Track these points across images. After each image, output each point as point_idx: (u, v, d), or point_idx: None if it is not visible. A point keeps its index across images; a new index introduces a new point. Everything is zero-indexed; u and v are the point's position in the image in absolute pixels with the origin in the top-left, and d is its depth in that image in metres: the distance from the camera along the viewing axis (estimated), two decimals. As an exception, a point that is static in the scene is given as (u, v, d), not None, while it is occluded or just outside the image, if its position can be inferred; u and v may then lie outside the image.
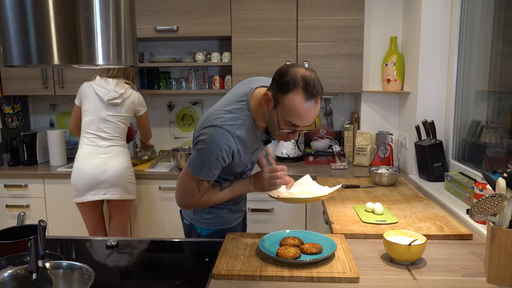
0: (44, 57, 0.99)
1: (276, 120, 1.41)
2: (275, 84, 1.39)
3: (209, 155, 1.45)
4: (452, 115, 2.50)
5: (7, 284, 1.15)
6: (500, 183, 1.26)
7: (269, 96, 1.41)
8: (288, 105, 1.35)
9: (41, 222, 1.21)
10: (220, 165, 1.49)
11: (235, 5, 2.89)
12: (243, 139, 1.48)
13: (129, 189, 2.62)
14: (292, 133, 1.45)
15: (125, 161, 2.60)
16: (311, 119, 1.40)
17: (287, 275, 1.27)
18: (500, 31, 2.08)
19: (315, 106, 1.38)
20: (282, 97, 1.36)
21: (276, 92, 1.39)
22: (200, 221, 1.71)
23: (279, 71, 1.40)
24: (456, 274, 1.30)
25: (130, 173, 2.62)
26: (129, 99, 2.61)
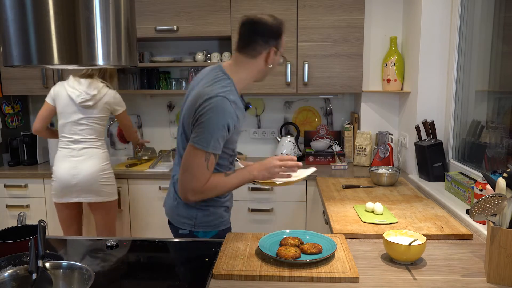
0: (44, 57, 0.99)
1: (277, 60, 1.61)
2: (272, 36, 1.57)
3: (216, 123, 1.47)
4: (452, 115, 2.50)
5: (7, 284, 1.15)
6: (500, 183, 1.26)
7: (275, 50, 1.58)
8: (283, 43, 1.62)
9: (41, 222, 1.21)
10: (225, 134, 1.51)
11: (235, 5, 2.89)
12: (236, 103, 1.55)
13: (103, 192, 2.54)
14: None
15: (97, 163, 2.52)
16: None
17: (287, 275, 1.27)
18: (500, 31, 2.08)
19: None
20: (279, 41, 1.59)
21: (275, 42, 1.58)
22: (202, 225, 1.68)
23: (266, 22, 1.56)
24: (456, 274, 1.30)
25: (103, 176, 2.53)
26: (102, 100, 2.52)
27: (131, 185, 2.88)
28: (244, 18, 1.58)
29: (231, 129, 1.52)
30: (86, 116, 2.50)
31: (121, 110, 2.65)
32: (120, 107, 2.64)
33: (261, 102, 3.36)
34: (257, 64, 1.59)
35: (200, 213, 1.67)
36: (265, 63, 1.59)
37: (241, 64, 1.60)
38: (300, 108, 3.35)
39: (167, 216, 1.78)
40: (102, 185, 2.53)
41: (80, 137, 2.51)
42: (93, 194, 2.52)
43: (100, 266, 1.41)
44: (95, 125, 2.54)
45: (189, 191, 1.54)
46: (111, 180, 2.60)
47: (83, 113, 2.50)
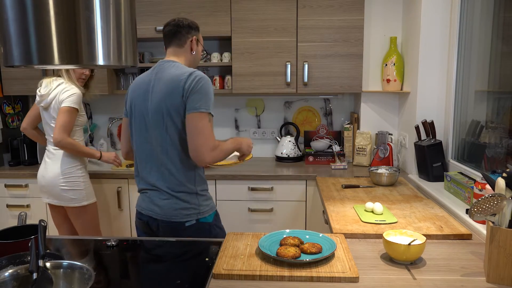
0: (44, 57, 0.99)
1: (201, 50, 1.91)
2: (195, 28, 1.86)
3: (209, 88, 1.69)
4: (451, 115, 2.51)
5: (7, 284, 1.15)
6: (499, 183, 1.26)
7: (195, 39, 1.86)
8: (201, 37, 1.92)
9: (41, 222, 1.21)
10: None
11: (235, 5, 2.89)
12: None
13: (64, 196, 2.42)
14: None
15: (59, 167, 2.41)
16: None
17: (287, 274, 1.27)
18: (499, 31, 2.09)
19: None
20: (199, 34, 1.89)
21: (196, 34, 1.87)
22: (206, 210, 1.79)
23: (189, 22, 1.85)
24: (456, 274, 1.30)
25: (64, 180, 2.41)
26: (51, 98, 2.39)
27: (131, 185, 2.88)
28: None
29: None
30: (48, 117, 2.45)
31: (64, 105, 2.34)
32: (65, 103, 2.34)
33: (261, 102, 3.36)
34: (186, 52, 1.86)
35: (200, 198, 1.78)
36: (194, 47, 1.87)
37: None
38: (300, 108, 3.35)
39: (158, 217, 1.76)
40: (63, 189, 2.41)
41: (51, 138, 2.46)
42: (55, 197, 2.45)
43: (100, 265, 1.42)
44: None
45: (206, 151, 1.66)
46: (75, 185, 2.43)
47: (45, 115, 2.46)
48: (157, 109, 1.70)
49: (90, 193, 2.51)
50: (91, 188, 2.54)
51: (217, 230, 1.83)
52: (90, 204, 2.50)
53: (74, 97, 2.37)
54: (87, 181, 2.52)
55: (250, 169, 2.87)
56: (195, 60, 1.88)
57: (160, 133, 1.71)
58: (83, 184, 2.47)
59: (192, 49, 1.85)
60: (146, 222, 1.80)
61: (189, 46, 1.85)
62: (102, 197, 2.88)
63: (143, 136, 1.77)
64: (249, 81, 2.94)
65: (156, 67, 1.80)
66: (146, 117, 1.74)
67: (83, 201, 2.46)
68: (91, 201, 2.51)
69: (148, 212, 1.78)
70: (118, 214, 2.91)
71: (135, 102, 1.79)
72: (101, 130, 3.48)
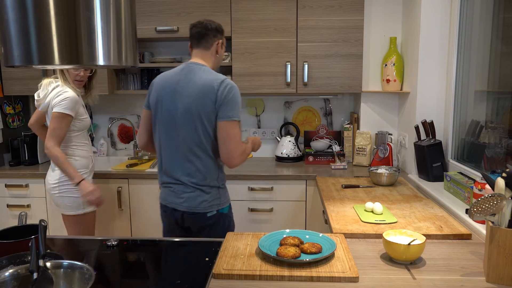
0: (45, 57, 0.99)
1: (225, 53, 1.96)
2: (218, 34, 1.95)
3: (238, 97, 1.84)
4: (451, 115, 2.51)
5: (8, 284, 1.15)
6: (499, 182, 1.26)
7: (221, 42, 1.96)
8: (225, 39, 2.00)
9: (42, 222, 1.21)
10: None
11: (235, 5, 2.89)
12: None
13: (59, 203, 2.35)
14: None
15: (57, 173, 2.32)
16: None
17: (287, 274, 1.27)
18: (499, 31, 2.09)
19: None
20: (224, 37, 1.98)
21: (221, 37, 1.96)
22: (224, 202, 1.96)
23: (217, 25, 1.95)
24: (455, 274, 1.31)
25: (54, 186, 2.32)
26: (47, 102, 2.29)
27: (131, 185, 2.88)
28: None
29: None
30: (48, 120, 2.34)
31: (55, 110, 2.22)
32: (56, 108, 2.23)
33: (261, 102, 3.36)
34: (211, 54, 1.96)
35: (221, 191, 1.95)
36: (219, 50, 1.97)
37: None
38: (300, 108, 3.35)
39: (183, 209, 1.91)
40: (61, 197, 2.33)
41: None
42: (56, 203, 2.38)
43: (100, 265, 1.42)
44: None
45: (236, 156, 1.85)
46: (71, 192, 2.32)
47: (47, 118, 2.38)
48: (188, 110, 1.83)
49: (86, 202, 2.36)
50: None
51: (231, 221, 2.02)
52: (86, 213, 2.37)
53: (66, 102, 2.23)
54: None
55: (250, 169, 2.87)
56: (219, 62, 2.00)
57: (189, 133, 1.85)
58: (73, 192, 2.32)
59: (218, 52, 1.95)
60: (170, 215, 1.97)
61: (215, 49, 1.94)
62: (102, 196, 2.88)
63: (170, 133, 1.89)
64: (249, 81, 2.94)
65: (185, 68, 1.90)
66: (175, 116, 1.86)
67: (78, 210, 2.34)
68: (87, 210, 2.37)
69: (173, 205, 1.94)
70: (118, 214, 2.91)
71: (162, 99, 1.89)
72: (101, 130, 3.48)
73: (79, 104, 2.32)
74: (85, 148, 2.42)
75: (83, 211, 2.36)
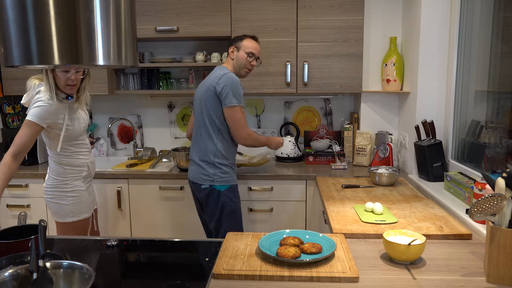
0: (44, 57, 0.99)
1: (244, 55, 2.38)
2: (236, 40, 2.42)
3: (238, 85, 2.30)
4: (451, 115, 2.51)
5: (7, 284, 1.15)
6: (499, 183, 1.26)
7: (233, 48, 2.41)
8: (245, 44, 2.40)
9: (41, 222, 1.21)
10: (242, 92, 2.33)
11: (235, 5, 2.89)
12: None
13: (49, 208, 2.23)
14: (254, 60, 2.42)
15: (49, 178, 2.20)
16: (258, 50, 2.46)
17: (287, 274, 1.27)
18: (499, 31, 2.09)
19: (258, 43, 2.46)
20: (240, 42, 2.41)
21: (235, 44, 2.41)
22: (219, 180, 2.32)
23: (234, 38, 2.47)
24: (456, 274, 1.31)
25: (47, 191, 2.20)
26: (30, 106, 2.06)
27: (131, 185, 2.88)
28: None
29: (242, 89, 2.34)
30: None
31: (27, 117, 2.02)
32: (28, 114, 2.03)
33: (261, 102, 3.36)
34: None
35: (217, 170, 2.32)
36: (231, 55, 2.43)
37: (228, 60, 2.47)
38: (300, 108, 3.35)
39: (191, 180, 2.43)
40: (48, 201, 2.21)
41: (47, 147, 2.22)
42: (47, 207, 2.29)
43: (100, 265, 1.42)
44: (43, 137, 2.16)
45: (242, 137, 2.34)
46: (60, 199, 2.18)
47: None
48: (200, 99, 2.38)
49: (78, 209, 2.20)
50: (84, 204, 2.22)
51: (225, 199, 2.33)
52: (76, 221, 2.20)
53: (37, 110, 2.01)
54: (79, 196, 2.20)
55: (250, 169, 2.87)
56: (237, 64, 2.41)
57: (200, 117, 2.38)
58: (71, 199, 2.17)
59: (231, 56, 2.41)
60: (190, 186, 2.49)
61: (230, 53, 2.42)
62: (102, 197, 2.89)
63: (195, 120, 2.45)
64: (249, 81, 2.94)
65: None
66: (196, 105, 2.43)
67: (67, 217, 2.19)
68: (77, 218, 2.20)
69: (189, 177, 2.45)
70: (118, 214, 2.91)
71: (196, 94, 2.46)
72: (101, 130, 3.48)
73: (55, 114, 2.06)
74: (77, 157, 2.20)
75: (71, 219, 2.20)
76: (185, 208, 2.86)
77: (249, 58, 2.38)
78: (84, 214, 2.24)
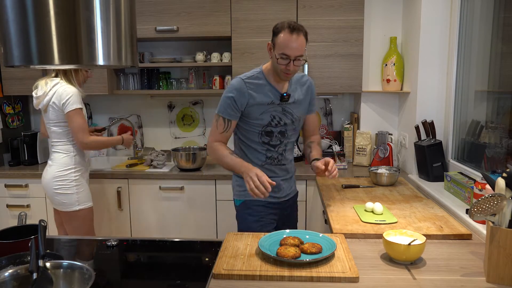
0: (44, 57, 0.99)
1: (275, 58, 1.81)
2: (273, 33, 1.85)
3: (225, 95, 1.89)
4: (451, 115, 2.51)
5: (7, 284, 1.15)
6: (499, 183, 1.26)
7: (269, 44, 1.88)
8: (279, 42, 1.79)
9: (41, 222, 1.21)
10: (233, 105, 1.87)
11: (235, 5, 2.89)
12: (254, 86, 1.89)
13: (55, 200, 2.38)
14: (288, 65, 1.80)
15: (54, 169, 2.36)
16: (298, 49, 1.78)
17: (287, 274, 1.27)
18: (499, 31, 2.09)
19: (298, 37, 1.78)
20: (275, 38, 1.82)
21: (272, 39, 1.85)
22: (236, 194, 2.03)
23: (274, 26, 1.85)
24: (456, 274, 1.31)
25: (57, 183, 2.35)
26: (48, 99, 2.32)
27: (131, 185, 2.88)
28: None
29: (238, 102, 1.86)
30: (47, 119, 2.38)
31: (70, 108, 2.29)
32: (70, 104, 2.29)
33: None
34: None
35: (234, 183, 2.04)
36: (268, 53, 1.91)
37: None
38: (300, 108, 3.35)
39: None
40: (56, 193, 2.36)
41: (51, 140, 2.43)
42: (50, 199, 2.44)
43: (100, 265, 1.42)
44: (55, 128, 2.37)
45: (208, 141, 1.96)
46: (66, 189, 2.36)
47: (44, 117, 2.41)
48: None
49: (83, 198, 2.40)
50: (86, 192, 2.43)
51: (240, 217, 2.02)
52: (82, 209, 2.40)
53: (73, 98, 2.29)
54: (82, 185, 2.41)
55: (250, 169, 2.86)
56: (272, 64, 1.89)
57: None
58: (76, 188, 2.37)
59: (269, 55, 1.91)
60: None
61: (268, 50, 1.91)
62: (102, 197, 2.89)
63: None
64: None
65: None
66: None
67: (73, 206, 2.37)
68: (83, 206, 2.40)
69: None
70: (118, 214, 2.91)
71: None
72: (101, 130, 3.48)
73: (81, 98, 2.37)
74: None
75: (78, 207, 2.39)
76: (185, 208, 2.86)
77: (281, 60, 1.80)
78: (88, 202, 2.45)
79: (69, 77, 2.35)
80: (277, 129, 1.95)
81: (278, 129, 1.95)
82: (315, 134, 2.18)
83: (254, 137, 1.95)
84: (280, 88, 1.94)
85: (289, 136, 2.00)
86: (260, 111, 1.90)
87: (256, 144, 1.96)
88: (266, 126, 1.93)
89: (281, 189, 2.02)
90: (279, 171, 2.01)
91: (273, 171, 1.99)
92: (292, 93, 1.95)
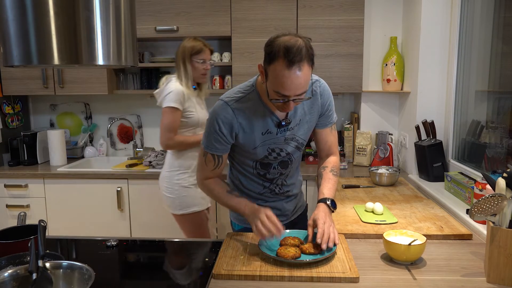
0: (44, 57, 0.99)
1: (268, 91, 1.39)
2: (265, 55, 1.37)
3: (209, 126, 1.50)
4: (452, 115, 2.51)
5: (7, 284, 1.15)
6: (499, 183, 1.26)
7: (261, 68, 1.40)
8: (273, 75, 1.33)
9: (41, 222, 1.21)
10: (221, 139, 1.49)
11: (235, 5, 2.89)
12: (244, 112, 1.48)
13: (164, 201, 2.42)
14: (285, 104, 1.37)
15: (163, 170, 2.42)
16: (298, 87, 1.33)
17: (287, 275, 1.27)
18: (499, 31, 2.09)
19: (299, 73, 1.30)
20: (268, 68, 1.35)
21: (264, 64, 1.38)
22: (234, 217, 1.78)
23: (267, 41, 1.39)
24: (456, 274, 1.30)
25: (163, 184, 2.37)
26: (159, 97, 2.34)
27: (131, 185, 2.88)
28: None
29: (227, 134, 1.48)
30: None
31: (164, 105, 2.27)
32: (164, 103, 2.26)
33: (261, 102, 3.36)
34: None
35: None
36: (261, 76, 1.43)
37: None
38: (300, 108, 3.35)
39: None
40: (163, 194, 2.36)
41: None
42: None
43: (100, 266, 1.41)
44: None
45: (197, 178, 1.64)
46: (169, 191, 2.32)
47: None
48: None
49: (185, 203, 2.29)
50: (190, 198, 2.30)
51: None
52: (186, 214, 2.30)
53: (171, 95, 2.20)
54: (183, 189, 2.29)
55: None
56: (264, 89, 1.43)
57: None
58: (177, 192, 2.29)
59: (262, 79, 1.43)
60: None
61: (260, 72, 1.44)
62: (102, 197, 2.88)
63: None
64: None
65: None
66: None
67: (176, 210, 2.31)
68: (186, 211, 2.29)
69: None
70: (118, 214, 2.91)
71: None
72: (101, 130, 3.48)
73: (185, 98, 2.24)
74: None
75: (180, 212, 2.30)
76: (185, 208, 2.86)
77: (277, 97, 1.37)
78: (193, 207, 2.31)
79: (180, 74, 2.27)
80: (277, 161, 1.60)
81: (278, 160, 1.60)
82: (331, 154, 1.70)
83: (248, 167, 1.63)
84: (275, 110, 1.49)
85: (294, 162, 1.65)
86: (252, 144, 1.52)
87: (251, 175, 1.64)
88: (262, 159, 1.58)
89: (286, 214, 1.75)
90: (281, 195, 1.72)
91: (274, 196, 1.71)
92: (294, 113, 1.53)
